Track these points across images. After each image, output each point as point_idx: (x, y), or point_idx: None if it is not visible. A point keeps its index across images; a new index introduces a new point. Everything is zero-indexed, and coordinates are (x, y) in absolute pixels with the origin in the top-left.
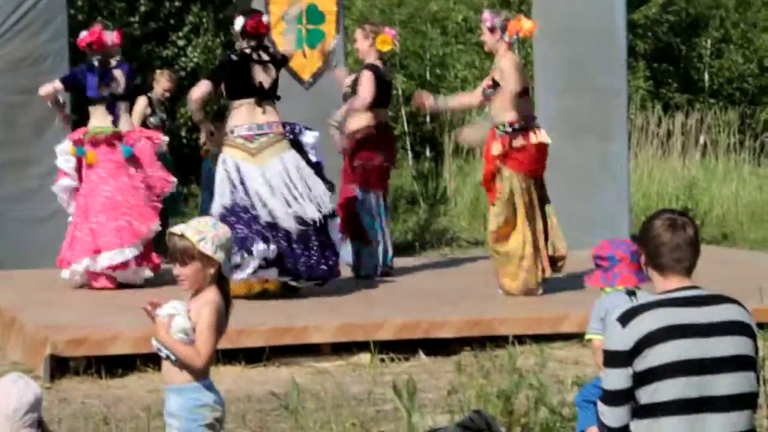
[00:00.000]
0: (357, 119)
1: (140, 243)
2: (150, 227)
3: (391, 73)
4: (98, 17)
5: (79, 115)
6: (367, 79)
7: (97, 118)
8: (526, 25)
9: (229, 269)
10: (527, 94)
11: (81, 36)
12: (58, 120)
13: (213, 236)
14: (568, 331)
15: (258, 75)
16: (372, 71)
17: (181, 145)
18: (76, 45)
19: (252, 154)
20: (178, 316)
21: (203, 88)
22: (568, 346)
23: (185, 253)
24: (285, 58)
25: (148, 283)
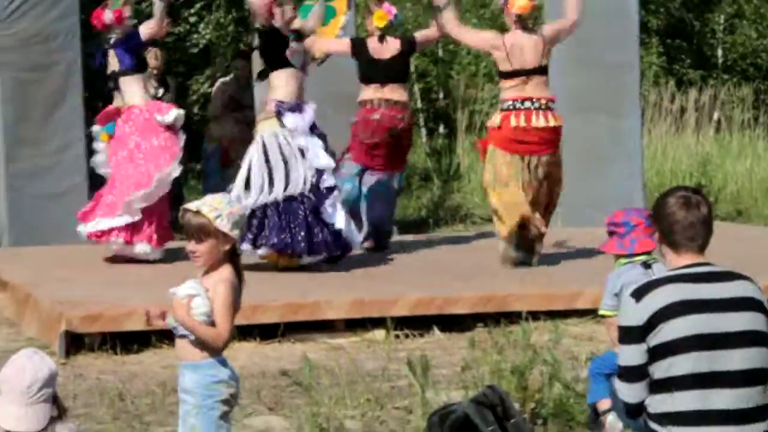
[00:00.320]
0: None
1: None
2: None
3: None
4: None
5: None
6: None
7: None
8: (519, 2)
9: (242, 246)
10: (518, 76)
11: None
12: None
13: (229, 213)
14: (582, 307)
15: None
16: (351, 41)
17: (192, 122)
18: (87, 22)
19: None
20: (198, 297)
21: None
22: (582, 323)
23: (201, 230)
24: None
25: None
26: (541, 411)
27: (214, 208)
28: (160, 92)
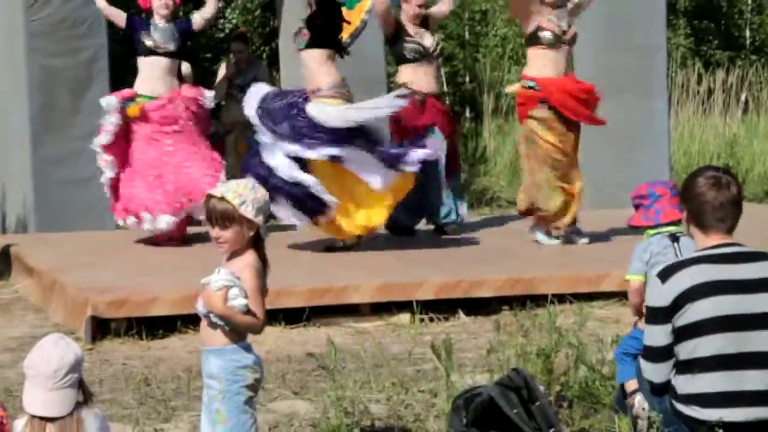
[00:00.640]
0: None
1: None
2: None
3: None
4: None
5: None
6: None
7: None
8: None
9: (266, 232)
10: None
11: None
12: None
13: (253, 199)
14: (608, 289)
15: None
16: None
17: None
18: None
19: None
20: (234, 288)
21: None
22: (608, 305)
23: (226, 216)
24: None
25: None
26: (566, 394)
27: (239, 194)
28: None
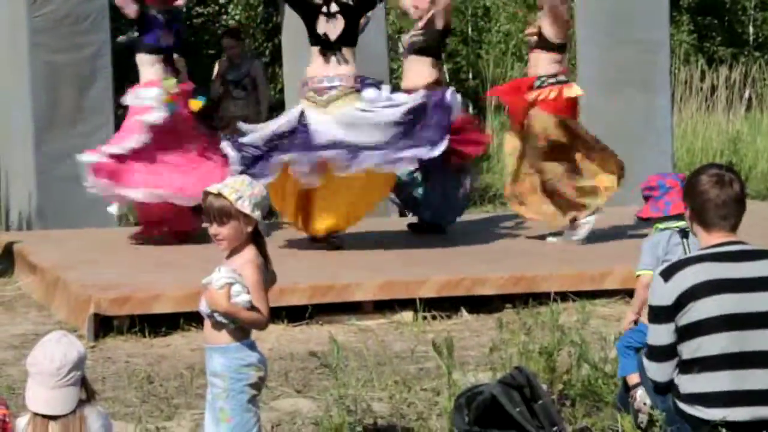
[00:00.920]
0: None
1: None
2: None
3: None
4: None
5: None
6: None
7: None
8: None
9: (264, 228)
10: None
11: None
12: None
13: (250, 195)
14: (611, 287)
15: (321, 26)
16: None
17: None
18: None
19: (323, 107)
20: (237, 285)
21: None
22: (611, 303)
23: (223, 212)
24: (364, 4)
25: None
26: (569, 392)
27: (235, 189)
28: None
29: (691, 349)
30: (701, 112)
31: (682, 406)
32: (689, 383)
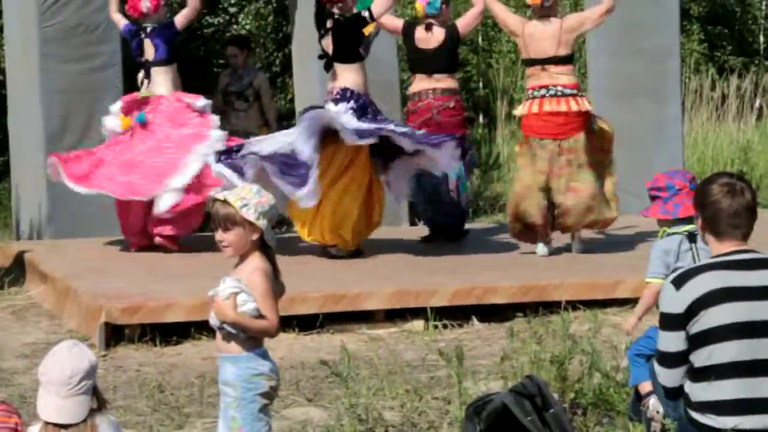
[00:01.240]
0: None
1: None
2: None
3: None
4: None
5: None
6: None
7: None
8: None
9: (273, 237)
10: (533, 65)
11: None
12: None
13: (256, 203)
14: (622, 296)
15: (324, 41)
16: (404, 23)
17: None
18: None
19: None
20: (242, 293)
21: None
22: (622, 312)
23: (228, 219)
24: (359, 20)
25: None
26: (580, 401)
27: (242, 197)
28: None
29: (702, 358)
30: (712, 121)
31: (694, 414)
32: (701, 392)
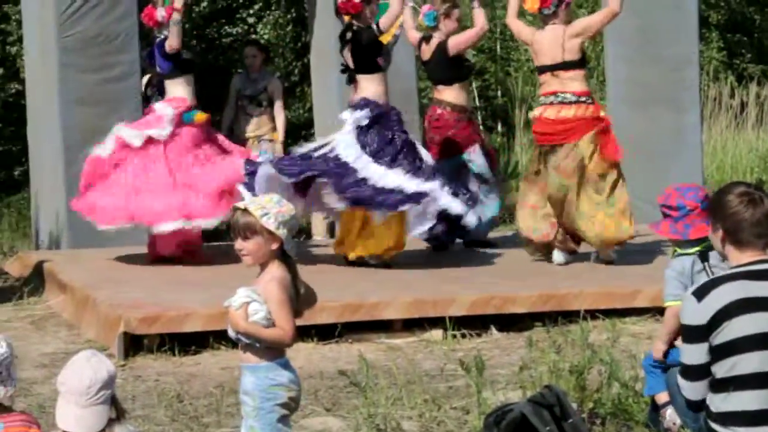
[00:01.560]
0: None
1: None
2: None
3: None
4: None
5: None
6: None
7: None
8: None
9: (293, 247)
10: (542, 72)
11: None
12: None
13: (277, 212)
14: (641, 305)
15: (345, 53)
16: (420, 37)
17: None
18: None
19: None
20: (254, 302)
21: None
22: (641, 321)
23: (247, 228)
24: (373, 35)
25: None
26: (599, 411)
27: (262, 206)
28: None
29: (725, 368)
30: (731, 129)
31: (715, 425)
32: (722, 402)
